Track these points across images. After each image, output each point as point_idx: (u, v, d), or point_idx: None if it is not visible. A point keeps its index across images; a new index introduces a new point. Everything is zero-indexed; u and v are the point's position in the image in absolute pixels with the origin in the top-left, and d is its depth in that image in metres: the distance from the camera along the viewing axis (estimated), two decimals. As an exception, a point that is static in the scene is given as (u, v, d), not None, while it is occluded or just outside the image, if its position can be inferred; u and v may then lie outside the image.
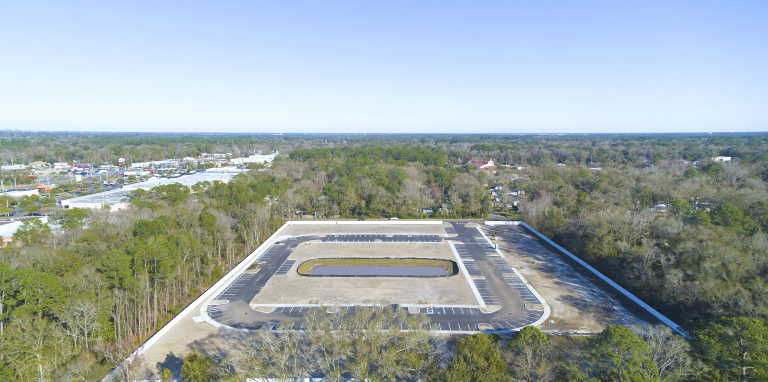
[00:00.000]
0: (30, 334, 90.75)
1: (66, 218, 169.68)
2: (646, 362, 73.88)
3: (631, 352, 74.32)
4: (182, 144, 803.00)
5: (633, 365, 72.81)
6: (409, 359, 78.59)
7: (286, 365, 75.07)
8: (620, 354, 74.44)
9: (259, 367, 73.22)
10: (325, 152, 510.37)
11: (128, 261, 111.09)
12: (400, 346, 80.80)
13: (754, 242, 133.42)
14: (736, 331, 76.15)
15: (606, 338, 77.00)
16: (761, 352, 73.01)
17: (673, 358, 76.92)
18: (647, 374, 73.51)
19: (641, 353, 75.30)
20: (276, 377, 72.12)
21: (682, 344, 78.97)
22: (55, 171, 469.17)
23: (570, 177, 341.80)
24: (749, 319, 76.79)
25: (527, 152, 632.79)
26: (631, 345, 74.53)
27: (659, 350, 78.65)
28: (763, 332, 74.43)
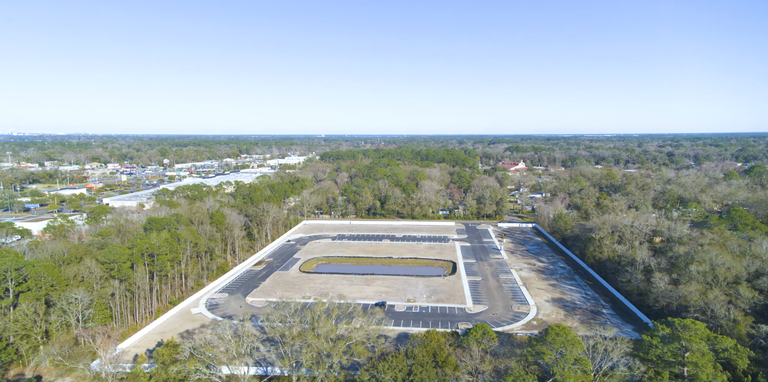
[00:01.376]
0: (31, 318, 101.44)
1: (91, 215, 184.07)
2: (580, 360, 74.78)
3: (565, 350, 75.39)
4: (226, 146, 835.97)
5: (565, 362, 73.93)
6: (356, 351, 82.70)
7: (238, 351, 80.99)
8: (553, 352, 75.64)
9: (210, 352, 79.54)
10: (355, 154, 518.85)
11: (127, 254, 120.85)
12: (348, 339, 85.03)
13: (754, 247, 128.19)
14: (675, 332, 75.63)
15: (543, 337, 78.33)
16: (697, 352, 72.39)
17: (616, 358, 77.26)
18: (580, 372, 74.47)
19: (577, 352, 76.20)
20: (222, 363, 78.17)
21: (626, 344, 79.14)
22: (105, 171, 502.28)
23: (598, 179, 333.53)
24: (691, 321, 76.13)
25: (563, 154, 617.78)
26: (565, 344, 75.57)
27: (602, 349, 79.08)
28: (701, 334, 73.72)
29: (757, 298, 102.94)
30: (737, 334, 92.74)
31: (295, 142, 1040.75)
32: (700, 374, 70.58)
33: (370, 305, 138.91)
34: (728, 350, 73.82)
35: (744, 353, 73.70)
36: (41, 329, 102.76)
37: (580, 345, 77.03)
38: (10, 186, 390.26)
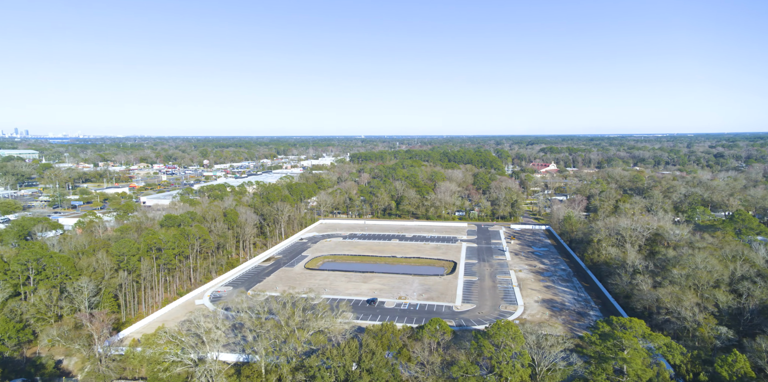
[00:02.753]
0: (45, 303, 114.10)
1: (118, 212, 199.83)
2: (519, 354, 78.31)
3: (505, 344, 79.09)
4: (265, 147, 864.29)
5: (503, 355, 77.68)
6: (314, 339, 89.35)
7: (208, 337, 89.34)
8: (493, 345, 79.45)
9: (182, 337, 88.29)
10: (384, 155, 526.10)
11: (135, 248, 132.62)
12: (309, 328, 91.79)
13: (748, 251, 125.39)
14: (613, 330, 77.79)
15: (487, 332, 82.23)
16: (629, 349, 74.63)
17: (554, 353, 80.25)
18: (519, 365, 78.04)
19: (519, 346, 79.73)
20: (191, 347, 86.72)
21: (570, 341, 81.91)
22: (149, 172, 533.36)
23: (626, 181, 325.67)
24: (627, 319, 78.12)
25: (599, 155, 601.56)
26: (506, 338, 79.20)
27: (546, 344, 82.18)
28: (637, 332, 75.75)
29: (731, 302, 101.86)
30: (699, 335, 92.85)
31: (333, 143, 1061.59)
32: (628, 369, 72.70)
33: (362, 300, 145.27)
34: (662, 347, 75.47)
35: (677, 350, 75.35)
36: (54, 313, 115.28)
37: (521, 340, 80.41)
38: (64, 185, 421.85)
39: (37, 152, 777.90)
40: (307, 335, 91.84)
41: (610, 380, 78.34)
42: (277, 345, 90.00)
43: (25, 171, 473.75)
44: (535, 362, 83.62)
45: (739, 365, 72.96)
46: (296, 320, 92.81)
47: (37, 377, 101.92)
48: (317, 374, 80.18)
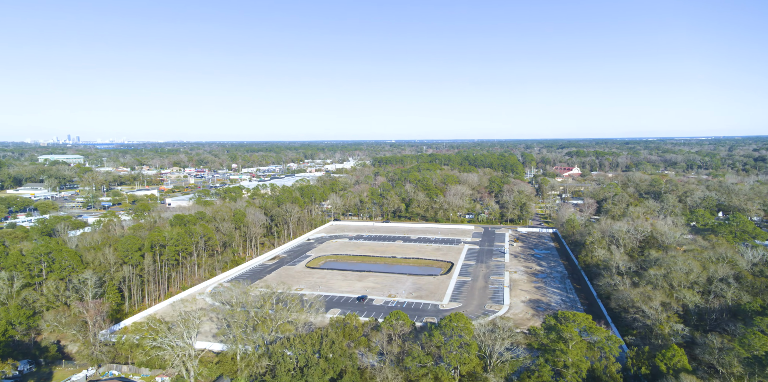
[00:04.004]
0: (53, 293, 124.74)
1: (137, 212, 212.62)
2: (466, 344, 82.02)
3: (454, 335, 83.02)
4: (294, 151, 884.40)
5: (450, 345, 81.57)
6: (281, 328, 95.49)
7: (186, 325, 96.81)
8: (442, 336, 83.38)
9: (161, 325, 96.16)
10: (404, 159, 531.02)
11: (138, 244, 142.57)
12: (278, 319, 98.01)
13: (732, 254, 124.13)
14: (557, 323, 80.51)
15: (439, 323, 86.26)
16: (570, 341, 77.36)
17: (500, 345, 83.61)
18: (465, 354, 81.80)
19: (468, 338, 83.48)
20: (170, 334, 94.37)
21: (519, 333, 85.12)
22: (180, 175, 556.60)
23: (647, 185, 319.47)
24: (572, 313, 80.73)
25: (627, 159, 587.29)
26: (454, 329, 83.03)
27: (497, 336, 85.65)
28: (580, 325, 78.34)
29: (699, 302, 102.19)
30: (660, 332, 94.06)
31: (362, 147, 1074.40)
32: (566, 360, 75.36)
33: (352, 298, 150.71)
34: (601, 340, 77.84)
35: (616, 342, 77.65)
36: (61, 302, 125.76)
37: (470, 331, 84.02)
38: (100, 187, 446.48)
39: (82, 157, 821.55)
40: (275, 325, 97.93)
41: (554, 371, 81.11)
42: (247, 334, 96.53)
43: (67, 174, 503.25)
44: (486, 353, 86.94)
45: (675, 359, 74.73)
46: (265, 310, 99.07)
47: (41, 360, 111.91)
48: (279, 360, 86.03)
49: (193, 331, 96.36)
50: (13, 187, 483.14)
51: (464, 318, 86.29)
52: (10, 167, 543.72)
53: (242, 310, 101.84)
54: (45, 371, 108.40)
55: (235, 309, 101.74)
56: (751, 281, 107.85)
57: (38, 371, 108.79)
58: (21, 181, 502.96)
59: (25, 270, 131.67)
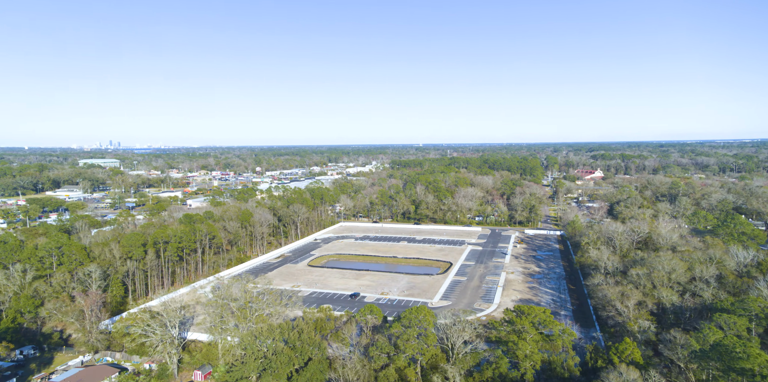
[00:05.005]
0: (60, 285, 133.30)
1: (151, 210, 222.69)
2: (423, 335, 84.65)
3: (413, 326, 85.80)
4: (319, 155, 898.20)
5: (408, 335, 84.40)
6: (256, 319, 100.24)
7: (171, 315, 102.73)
8: (401, 327, 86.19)
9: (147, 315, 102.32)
10: (422, 162, 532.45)
11: (141, 241, 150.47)
12: (255, 311, 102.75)
13: (717, 253, 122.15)
14: (513, 317, 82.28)
15: (401, 315, 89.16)
16: (524, 334, 79.16)
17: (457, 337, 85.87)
18: (423, 344, 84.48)
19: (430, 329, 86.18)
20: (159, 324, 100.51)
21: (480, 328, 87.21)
22: (205, 178, 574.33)
23: (667, 188, 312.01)
24: (529, 307, 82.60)
25: (655, 162, 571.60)
26: (413, 321, 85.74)
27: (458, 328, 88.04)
28: (535, 318, 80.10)
29: (675, 300, 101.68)
30: (629, 329, 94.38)
31: (387, 151, 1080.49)
32: (518, 352, 77.22)
33: (345, 295, 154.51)
34: (554, 333, 79.23)
35: (570, 336, 78.95)
36: (67, 294, 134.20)
37: (430, 323, 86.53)
38: (129, 189, 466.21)
39: (118, 161, 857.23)
40: (252, 317, 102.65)
41: (512, 363, 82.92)
42: (225, 323, 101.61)
43: (100, 177, 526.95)
44: (449, 346, 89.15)
45: (627, 352, 75.51)
46: (245, 303, 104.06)
47: (45, 346, 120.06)
48: (249, 347, 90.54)
49: (175, 321, 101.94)
50: (52, 189, 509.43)
51: (425, 311, 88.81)
52: (50, 171, 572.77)
53: (223, 302, 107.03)
54: (47, 357, 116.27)
55: (217, 302, 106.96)
56: (732, 281, 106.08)
57: (41, 356, 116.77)
58: (59, 183, 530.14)
59: (38, 263, 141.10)
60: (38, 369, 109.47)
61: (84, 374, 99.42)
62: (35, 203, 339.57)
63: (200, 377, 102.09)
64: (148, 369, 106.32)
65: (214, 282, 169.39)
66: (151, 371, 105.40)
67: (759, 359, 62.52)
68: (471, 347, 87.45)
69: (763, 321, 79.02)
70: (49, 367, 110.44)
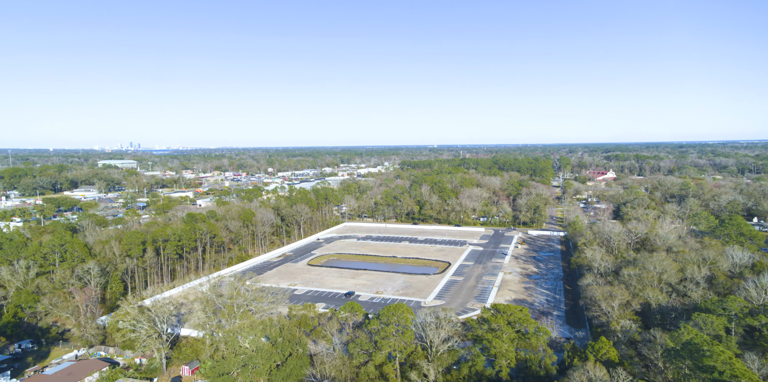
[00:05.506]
0: (61, 281, 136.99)
1: (157, 209, 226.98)
2: (401, 332, 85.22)
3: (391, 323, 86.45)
4: (333, 156, 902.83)
5: (385, 332, 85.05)
6: (241, 316, 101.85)
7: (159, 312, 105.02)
8: (379, 324, 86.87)
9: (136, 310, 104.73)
10: (431, 163, 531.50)
11: (140, 239, 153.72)
12: (240, 307, 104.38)
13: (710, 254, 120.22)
14: (488, 317, 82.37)
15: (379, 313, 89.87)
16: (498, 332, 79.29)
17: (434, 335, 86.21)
18: (401, 342, 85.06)
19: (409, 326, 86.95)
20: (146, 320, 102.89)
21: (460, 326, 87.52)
22: (218, 178, 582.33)
23: (678, 189, 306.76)
24: (506, 305, 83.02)
25: (670, 163, 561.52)
26: (390, 318, 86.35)
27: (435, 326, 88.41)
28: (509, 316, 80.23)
29: (662, 301, 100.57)
30: (612, 328, 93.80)
31: (400, 152, 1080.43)
32: (492, 349, 77.34)
33: (340, 293, 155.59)
34: (529, 331, 79.33)
35: (545, 334, 79.21)
36: (66, 290, 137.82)
37: (407, 320, 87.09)
38: (143, 190, 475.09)
39: (135, 162, 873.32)
40: (237, 313, 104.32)
41: (489, 361, 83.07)
42: (210, 319, 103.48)
43: (116, 178, 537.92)
44: (428, 343, 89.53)
45: (602, 350, 75.10)
46: (226, 299, 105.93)
47: (43, 340, 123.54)
48: (229, 343, 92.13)
49: (163, 317, 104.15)
50: (70, 189, 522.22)
51: (404, 308, 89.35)
52: (69, 171, 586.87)
53: (210, 299, 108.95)
54: (44, 350, 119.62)
55: (204, 298, 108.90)
56: (723, 281, 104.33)
57: (39, 349, 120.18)
58: (77, 183, 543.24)
59: (41, 259, 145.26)
60: (34, 363, 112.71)
61: (75, 367, 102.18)
62: (51, 203, 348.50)
63: (187, 371, 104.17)
64: (138, 364, 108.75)
65: (214, 280, 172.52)
66: (141, 365, 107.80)
67: (722, 356, 61.89)
68: (450, 345, 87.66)
69: (742, 321, 77.78)
70: (44, 361, 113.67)
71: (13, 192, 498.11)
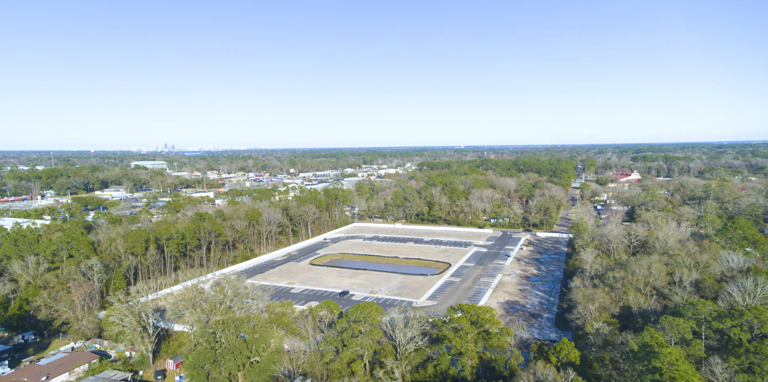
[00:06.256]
0: (66, 276, 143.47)
1: (168, 209, 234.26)
2: (368, 331, 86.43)
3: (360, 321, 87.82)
4: (355, 157, 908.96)
5: (352, 330, 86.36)
6: (220, 313, 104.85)
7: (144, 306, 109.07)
8: (348, 323, 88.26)
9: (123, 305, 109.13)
10: (450, 163, 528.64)
11: (144, 237, 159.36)
12: (221, 303, 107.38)
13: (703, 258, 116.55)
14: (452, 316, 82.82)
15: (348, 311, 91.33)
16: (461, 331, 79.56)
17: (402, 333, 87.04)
18: (367, 340, 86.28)
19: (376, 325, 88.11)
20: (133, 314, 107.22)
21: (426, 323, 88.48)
22: (240, 179, 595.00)
23: (701, 191, 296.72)
24: (470, 306, 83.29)
25: (701, 163, 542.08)
26: (358, 316, 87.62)
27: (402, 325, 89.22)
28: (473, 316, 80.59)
29: (642, 304, 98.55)
30: (586, 331, 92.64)
31: (424, 153, 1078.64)
32: (453, 349, 77.84)
33: (335, 292, 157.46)
34: (491, 330, 79.60)
35: (507, 334, 79.18)
36: (67, 285, 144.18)
37: (375, 319, 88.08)
38: (167, 189, 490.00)
39: (165, 163, 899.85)
40: (218, 310, 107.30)
41: (454, 361, 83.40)
42: (192, 314, 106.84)
43: (143, 178, 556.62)
44: (397, 342, 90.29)
45: (563, 352, 74.53)
46: (204, 296, 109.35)
47: (45, 332, 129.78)
48: (203, 339, 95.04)
49: (149, 312, 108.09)
50: (100, 189, 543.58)
51: (373, 307, 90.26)
52: (101, 172, 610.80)
53: (192, 296, 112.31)
54: (45, 342, 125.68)
55: (187, 295, 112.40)
56: (710, 285, 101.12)
57: (40, 341, 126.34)
58: (108, 183, 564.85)
59: (50, 255, 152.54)
60: (34, 353, 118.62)
61: (66, 359, 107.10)
62: (79, 202, 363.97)
63: (172, 365, 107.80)
64: (128, 357, 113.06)
65: (216, 278, 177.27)
66: (130, 358, 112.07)
67: (669, 358, 60.58)
68: (417, 344, 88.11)
69: (714, 324, 75.50)
70: (44, 352, 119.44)
71: (49, 191, 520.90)
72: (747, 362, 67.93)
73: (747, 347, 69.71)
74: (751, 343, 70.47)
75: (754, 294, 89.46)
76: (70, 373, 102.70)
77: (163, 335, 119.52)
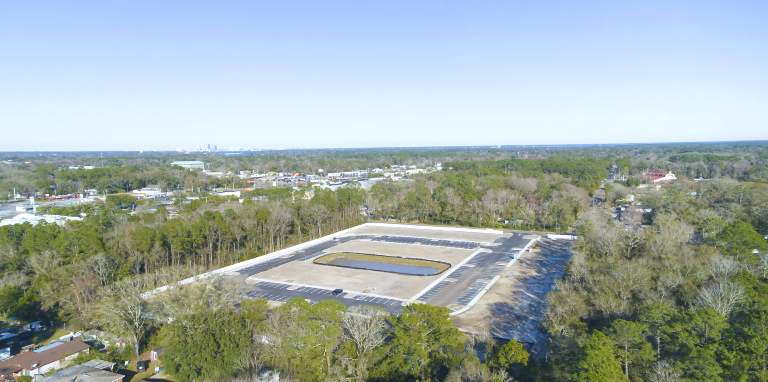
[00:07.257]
0: (73, 271, 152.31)
1: (185, 208, 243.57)
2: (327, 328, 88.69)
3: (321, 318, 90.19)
4: (385, 157, 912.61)
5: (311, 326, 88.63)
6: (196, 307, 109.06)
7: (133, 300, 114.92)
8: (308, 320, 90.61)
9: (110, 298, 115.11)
10: (475, 164, 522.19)
11: (150, 234, 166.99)
12: (198, 299, 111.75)
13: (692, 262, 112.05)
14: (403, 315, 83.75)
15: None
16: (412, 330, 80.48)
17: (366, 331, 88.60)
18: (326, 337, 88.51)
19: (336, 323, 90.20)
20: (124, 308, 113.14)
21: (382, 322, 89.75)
22: (269, 179, 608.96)
23: (733, 193, 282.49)
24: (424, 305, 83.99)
25: (747, 164, 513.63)
26: (318, 313, 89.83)
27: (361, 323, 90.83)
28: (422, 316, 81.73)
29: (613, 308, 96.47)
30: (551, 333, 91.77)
31: (456, 153, 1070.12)
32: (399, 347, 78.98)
33: (328, 291, 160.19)
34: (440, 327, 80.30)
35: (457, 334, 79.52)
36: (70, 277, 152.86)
37: (335, 317, 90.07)
38: (197, 189, 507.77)
39: (202, 163, 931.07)
40: (197, 304, 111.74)
41: (404, 359, 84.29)
42: (173, 308, 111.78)
43: (177, 178, 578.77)
44: (356, 339, 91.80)
45: (511, 352, 74.57)
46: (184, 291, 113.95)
47: (51, 322, 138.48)
48: (178, 332, 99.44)
49: (135, 305, 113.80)
50: (138, 188, 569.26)
51: (335, 304, 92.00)
52: (139, 171, 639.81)
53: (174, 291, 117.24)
54: (50, 332, 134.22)
55: (170, 291, 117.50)
56: (688, 290, 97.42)
57: (46, 330, 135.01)
58: (145, 183, 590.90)
59: (64, 250, 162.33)
60: (38, 341, 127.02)
61: (60, 348, 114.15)
62: (113, 200, 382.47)
63: (155, 356, 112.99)
64: (118, 347, 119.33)
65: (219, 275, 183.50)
66: (119, 349, 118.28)
67: (595, 360, 59.45)
68: (374, 342, 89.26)
69: (665, 328, 73.11)
70: (46, 340, 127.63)
71: (92, 190, 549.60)
72: (692, 367, 65.65)
73: (693, 351, 67.32)
74: (697, 347, 67.99)
75: (728, 299, 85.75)
76: (60, 361, 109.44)
77: (155, 327, 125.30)
